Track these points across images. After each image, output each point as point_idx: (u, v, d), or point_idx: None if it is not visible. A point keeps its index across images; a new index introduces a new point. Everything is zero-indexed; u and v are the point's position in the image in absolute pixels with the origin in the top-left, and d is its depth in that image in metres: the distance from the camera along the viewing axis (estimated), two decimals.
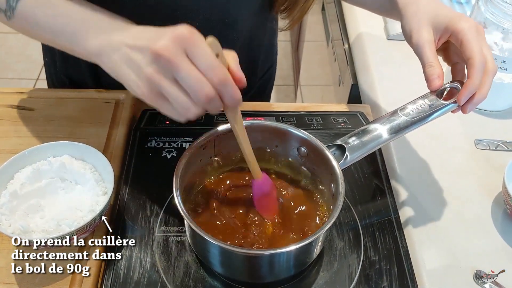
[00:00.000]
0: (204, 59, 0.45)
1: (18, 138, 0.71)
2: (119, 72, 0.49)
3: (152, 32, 0.48)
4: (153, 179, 0.67)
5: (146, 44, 0.46)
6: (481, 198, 0.68)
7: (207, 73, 0.45)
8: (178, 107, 0.47)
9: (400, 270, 0.59)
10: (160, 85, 0.46)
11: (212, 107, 0.47)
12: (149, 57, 0.46)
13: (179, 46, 0.45)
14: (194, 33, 0.46)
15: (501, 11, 0.73)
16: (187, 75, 0.45)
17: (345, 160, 0.58)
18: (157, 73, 0.46)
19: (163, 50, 0.44)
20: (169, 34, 0.45)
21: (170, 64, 0.45)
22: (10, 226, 0.55)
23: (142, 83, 0.47)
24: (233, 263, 0.56)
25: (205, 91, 0.45)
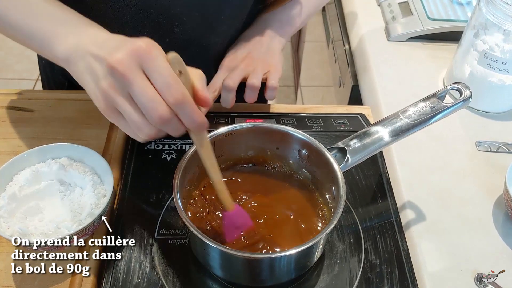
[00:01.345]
0: (160, 76, 0.42)
1: (17, 140, 0.71)
2: (82, 81, 0.47)
3: (115, 42, 0.46)
4: (152, 181, 0.67)
5: (105, 55, 0.44)
6: (482, 200, 0.68)
7: (163, 91, 0.42)
8: (132, 126, 0.44)
9: (401, 273, 0.58)
10: (114, 100, 0.44)
11: (169, 129, 0.44)
12: (105, 69, 0.44)
13: (135, 61, 0.42)
14: (153, 47, 0.43)
15: (502, 13, 0.72)
16: (140, 92, 0.42)
17: (346, 163, 0.58)
18: (112, 87, 0.43)
19: (117, 64, 0.42)
20: (128, 46, 0.43)
21: (124, 79, 0.42)
22: (9, 228, 0.55)
23: (100, 95, 0.45)
24: (233, 267, 0.55)
25: (159, 111, 0.42)
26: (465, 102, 0.60)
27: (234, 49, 0.75)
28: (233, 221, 0.54)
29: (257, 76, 0.69)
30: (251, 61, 0.72)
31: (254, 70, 0.71)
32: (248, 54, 0.73)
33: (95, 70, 0.45)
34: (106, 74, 0.44)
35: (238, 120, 0.74)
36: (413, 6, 0.97)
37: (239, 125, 0.61)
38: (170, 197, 0.64)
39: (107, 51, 0.44)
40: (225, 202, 0.53)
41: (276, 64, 0.74)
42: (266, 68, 0.72)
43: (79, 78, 0.48)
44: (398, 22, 0.96)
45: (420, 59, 0.92)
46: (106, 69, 0.43)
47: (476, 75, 0.79)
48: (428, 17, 0.94)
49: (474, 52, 0.78)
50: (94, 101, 0.46)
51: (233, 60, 0.73)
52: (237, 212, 0.54)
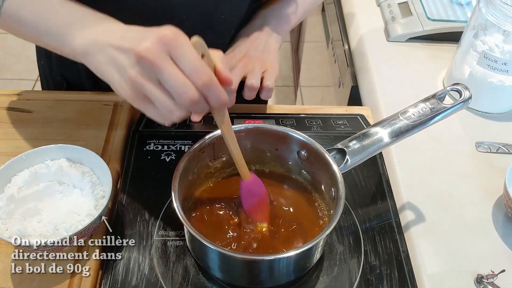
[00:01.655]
0: (188, 61, 0.44)
1: (16, 141, 0.71)
2: (104, 73, 0.48)
3: (137, 33, 0.47)
4: (151, 183, 0.67)
5: (130, 45, 0.45)
6: (482, 201, 0.68)
7: (191, 75, 0.44)
8: (162, 110, 0.46)
9: (401, 274, 0.58)
10: (143, 87, 0.45)
11: (197, 109, 0.46)
12: (132, 59, 0.45)
13: (162, 48, 0.44)
14: (179, 35, 0.45)
15: (502, 13, 0.72)
16: (171, 78, 0.44)
17: (345, 164, 0.57)
18: (140, 75, 0.45)
19: (146, 52, 0.44)
20: (153, 35, 0.44)
21: (153, 67, 0.44)
22: (7, 230, 0.55)
23: (126, 84, 0.46)
24: (232, 268, 0.55)
25: (189, 94, 0.44)
26: (464, 103, 0.60)
27: (232, 47, 0.76)
28: (250, 189, 0.57)
29: (256, 76, 0.70)
30: (249, 60, 0.73)
31: (252, 70, 0.71)
32: (246, 53, 0.74)
33: (119, 61, 0.46)
34: (133, 63, 0.45)
35: (237, 121, 0.74)
36: (412, 7, 0.97)
37: (238, 126, 0.61)
38: (169, 198, 0.64)
39: (131, 41, 0.46)
40: (243, 171, 0.56)
41: (273, 63, 0.74)
42: (264, 67, 0.73)
43: (99, 70, 0.49)
44: (398, 22, 0.96)
45: (420, 59, 0.92)
46: (134, 58, 0.45)
47: (476, 76, 0.78)
48: (427, 18, 0.94)
49: (473, 52, 0.78)
50: (118, 91, 0.48)
51: (231, 58, 0.74)
52: (254, 181, 0.57)
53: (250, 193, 0.57)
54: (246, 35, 0.76)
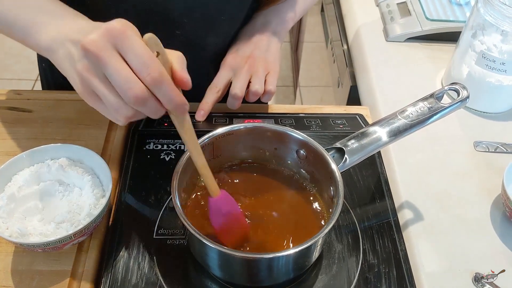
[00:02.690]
0: (136, 55, 0.41)
1: (15, 141, 0.71)
2: (63, 68, 0.47)
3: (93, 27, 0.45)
4: (151, 182, 0.67)
5: (80, 37, 0.43)
6: (480, 200, 0.68)
7: (139, 70, 0.41)
8: (109, 107, 0.43)
9: (399, 273, 0.59)
10: (90, 82, 0.43)
11: (147, 109, 0.43)
12: (80, 51, 0.43)
13: (108, 41, 0.41)
14: (127, 27, 0.42)
15: (500, 13, 0.72)
16: (115, 72, 0.41)
17: (344, 163, 0.58)
18: (86, 69, 0.43)
19: (90, 45, 0.41)
20: (101, 28, 0.42)
21: (98, 60, 0.41)
22: (8, 229, 0.55)
23: (77, 78, 0.44)
24: (232, 267, 0.55)
25: (134, 91, 0.41)
26: (462, 102, 0.60)
27: (235, 47, 0.76)
28: (219, 207, 0.52)
29: (260, 81, 0.71)
30: (253, 61, 0.73)
31: (256, 72, 0.72)
32: (251, 53, 0.74)
33: (72, 54, 0.45)
34: (81, 56, 0.43)
35: (237, 121, 0.74)
36: (411, 7, 0.97)
37: (237, 125, 0.61)
38: (169, 198, 0.64)
39: (82, 34, 0.43)
40: (210, 187, 0.51)
41: (275, 64, 0.74)
42: (267, 69, 0.73)
43: (60, 66, 0.47)
44: (397, 22, 0.96)
45: (418, 59, 0.92)
46: (81, 51, 0.42)
47: (474, 76, 0.79)
48: (426, 18, 0.94)
49: (472, 52, 0.78)
50: (74, 86, 0.46)
51: (235, 58, 0.74)
52: (223, 198, 0.52)
53: (220, 212, 0.52)
54: (247, 35, 0.76)
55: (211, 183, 0.51)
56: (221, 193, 0.53)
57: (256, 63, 0.73)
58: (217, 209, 0.53)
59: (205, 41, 0.75)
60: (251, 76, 0.71)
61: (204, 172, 0.51)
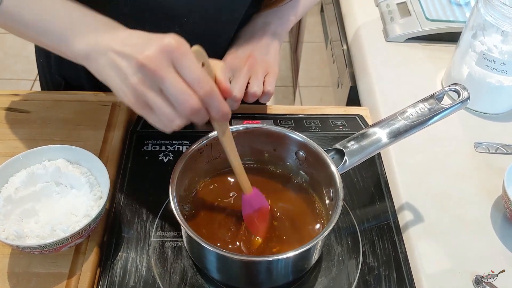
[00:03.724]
0: (190, 71, 0.45)
1: (13, 141, 0.71)
2: (105, 77, 0.48)
3: (140, 39, 0.47)
4: (149, 183, 0.67)
5: (132, 52, 0.45)
6: (480, 201, 0.68)
7: (193, 85, 0.45)
8: (163, 118, 0.46)
9: (399, 275, 0.58)
10: (145, 95, 0.45)
11: (198, 119, 0.47)
12: (134, 66, 0.45)
13: (165, 57, 0.44)
14: (182, 44, 0.45)
15: (501, 14, 0.72)
16: (172, 87, 0.44)
17: (344, 165, 0.57)
18: (142, 83, 0.45)
19: (148, 61, 0.44)
20: (156, 43, 0.45)
21: (156, 75, 0.44)
22: (4, 231, 0.55)
23: (128, 91, 0.46)
24: (230, 269, 0.55)
25: (190, 104, 0.45)
26: (463, 103, 0.60)
27: (235, 47, 0.75)
28: (251, 203, 0.56)
29: (259, 83, 0.71)
30: (253, 62, 0.73)
31: (255, 73, 0.72)
32: (251, 54, 0.74)
33: (121, 67, 0.46)
34: (135, 71, 0.45)
35: (236, 122, 0.74)
36: (411, 7, 0.97)
37: (236, 126, 0.61)
38: (167, 199, 0.64)
39: (133, 48, 0.46)
40: (244, 185, 0.55)
41: (274, 65, 0.74)
42: (266, 70, 0.73)
43: (101, 74, 0.49)
44: (396, 22, 0.96)
45: (418, 60, 0.92)
46: (136, 66, 0.45)
47: (474, 76, 0.78)
48: (426, 18, 0.94)
49: (472, 53, 0.78)
50: (120, 96, 0.48)
51: (235, 59, 0.73)
52: (255, 195, 0.56)
53: (252, 207, 0.57)
54: (247, 35, 0.76)
55: (245, 181, 0.55)
56: (254, 190, 0.56)
57: (255, 64, 0.73)
58: (248, 205, 0.56)
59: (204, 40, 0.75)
60: (250, 77, 0.71)
61: (239, 172, 0.55)
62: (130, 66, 0.46)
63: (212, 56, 0.76)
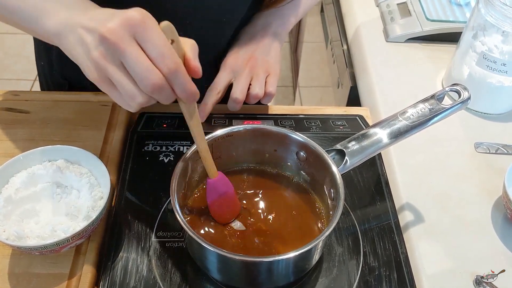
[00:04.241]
0: (154, 45, 0.43)
1: (14, 142, 0.70)
2: (74, 54, 0.47)
3: (107, 14, 0.45)
4: (150, 184, 0.67)
5: (97, 25, 0.44)
6: (481, 202, 0.68)
7: (157, 60, 0.43)
8: (124, 95, 0.45)
9: (400, 276, 0.58)
10: (106, 70, 0.44)
11: (161, 97, 0.45)
12: (97, 39, 0.43)
13: (128, 30, 0.42)
14: (147, 17, 0.43)
15: (501, 14, 0.72)
16: (133, 61, 0.42)
17: (344, 165, 0.57)
18: (103, 57, 0.44)
19: (109, 33, 0.42)
20: (120, 16, 0.43)
21: (116, 48, 0.42)
22: (5, 231, 0.55)
23: (91, 65, 0.45)
24: (231, 270, 0.55)
25: (152, 80, 0.43)
26: (463, 103, 0.60)
27: (237, 47, 0.75)
28: (216, 187, 0.56)
29: (260, 84, 0.71)
30: (254, 63, 0.73)
31: (257, 75, 0.72)
32: (252, 55, 0.73)
33: (86, 41, 0.45)
34: (97, 44, 0.43)
35: (236, 122, 0.74)
36: (411, 7, 0.97)
37: (236, 127, 0.61)
38: (168, 200, 0.64)
39: (98, 22, 0.44)
40: (210, 169, 0.55)
41: (275, 66, 0.74)
42: (267, 71, 0.73)
43: (70, 52, 0.48)
44: (397, 23, 0.96)
45: (419, 60, 0.92)
46: (98, 38, 0.43)
47: (475, 77, 0.78)
48: (426, 18, 0.94)
49: (472, 53, 0.78)
50: (86, 72, 0.46)
51: (236, 59, 0.73)
52: (221, 179, 0.56)
53: (216, 191, 0.56)
54: (248, 36, 0.76)
55: (211, 166, 0.55)
56: (219, 174, 0.56)
57: (257, 65, 0.72)
58: (214, 189, 0.56)
59: (206, 41, 0.75)
60: (252, 78, 0.71)
61: (205, 155, 0.54)
62: (93, 39, 0.44)
63: (213, 56, 0.77)
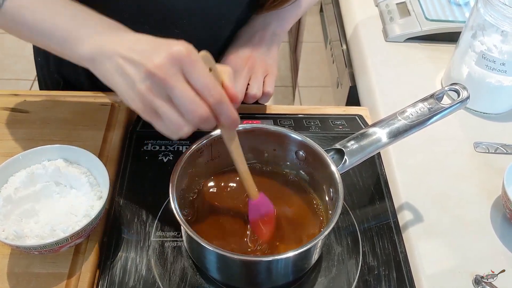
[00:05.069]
0: (200, 78, 0.44)
1: (13, 141, 0.70)
2: (112, 82, 0.48)
3: (147, 45, 0.46)
4: (149, 183, 0.67)
5: (141, 59, 0.45)
6: (480, 201, 0.68)
7: (203, 92, 0.45)
8: (171, 126, 0.46)
9: (399, 275, 0.58)
10: (153, 103, 0.45)
11: (206, 126, 0.46)
12: (143, 74, 0.44)
13: (175, 65, 0.44)
14: (191, 51, 0.45)
15: (500, 14, 0.72)
16: (182, 96, 0.44)
17: (344, 164, 0.57)
18: (150, 90, 0.45)
19: (158, 69, 0.43)
20: (166, 51, 0.44)
21: (165, 84, 0.44)
22: (4, 231, 0.55)
23: (136, 97, 0.46)
24: (230, 269, 0.55)
25: (199, 112, 0.44)
26: (462, 103, 0.60)
27: (236, 47, 0.75)
28: (258, 209, 0.56)
29: (259, 84, 0.71)
30: (253, 63, 0.73)
31: (255, 75, 0.72)
32: (251, 55, 0.74)
33: (128, 74, 0.46)
34: (144, 78, 0.44)
35: None
36: (410, 7, 0.97)
37: None
38: (167, 199, 0.64)
39: (142, 55, 0.45)
40: (251, 191, 0.55)
41: (273, 66, 0.75)
42: (266, 71, 0.73)
43: (107, 79, 0.48)
44: (396, 22, 0.96)
45: (418, 59, 0.92)
46: (145, 74, 0.44)
47: (474, 76, 0.78)
48: (426, 18, 0.94)
49: (472, 53, 0.78)
50: (128, 102, 0.47)
51: (235, 59, 0.73)
52: (262, 200, 0.56)
53: (258, 213, 0.57)
54: (247, 36, 0.76)
55: (252, 187, 0.55)
56: (260, 195, 0.56)
57: (255, 65, 0.73)
58: (255, 210, 0.56)
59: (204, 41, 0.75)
60: (250, 78, 0.71)
61: (246, 177, 0.54)
62: (138, 73, 0.45)
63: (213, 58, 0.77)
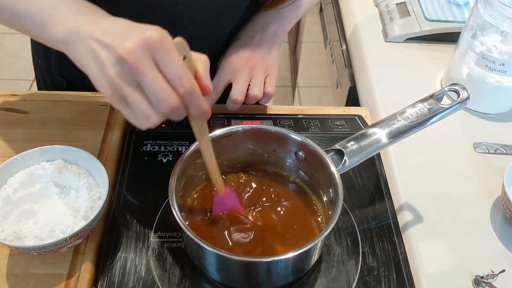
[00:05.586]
0: (172, 67, 0.43)
1: (12, 142, 0.70)
2: (84, 64, 0.47)
3: (122, 28, 0.45)
4: (148, 184, 0.67)
5: (113, 43, 0.43)
6: (480, 202, 0.67)
7: (174, 81, 0.43)
8: (139, 115, 0.45)
9: (399, 276, 0.58)
10: (122, 89, 0.44)
11: (175, 117, 0.45)
12: (114, 58, 0.43)
13: (146, 51, 0.42)
14: (164, 37, 0.43)
15: (500, 14, 0.72)
16: (152, 84, 0.43)
17: (343, 165, 0.57)
18: (120, 76, 0.43)
19: (128, 54, 0.42)
20: (138, 35, 0.43)
21: (135, 70, 0.42)
22: (3, 232, 0.55)
23: (105, 82, 0.45)
24: (230, 270, 0.55)
25: (169, 102, 0.43)
26: (462, 103, 0.60)
27: (236, 47, 0.75)
28: (222, 203, 0.56)
29: (259, 85, 0.71)
30: (254, 63, 0.73)
31: (256, 75, 0.72)
32: (251, 55, 0.73)
33: (100, 57, 0.44)
34: (114, 63, 0.43)
35: (235, 122, 0.74)
36: (410, 7, 0.97)
37: (235, 127, 0.61)
38: (166, 200, 0.64)
39: (114, 38, 0.44)
40: (217, 184, 0.55)
41: (274, 66, 0.75)
42: (266, 72, 0.73)
43: (79, 61, 0.47)
44: (396, 23, 0.96)
45: (418, 60, 0.92)
46: (115, 57, 0.43)
47: (474, 77, 0.78)
48: (425, 18, 0.94)
49: (471, 53, 0.78)
50: (98, 86, 0.46)
51: (236, 59, 0.73)
52: (227, 195, 0.56)
53: (223, 207, 0.57)
54: (247, 36, 0.76)
55: (218, 181, 0.55)
56: (226, 190, 0.56)
57: (256, 66, 0.72)
58: (219, 204, 0.56)
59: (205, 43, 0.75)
60: (251, 79, 0.71)
61: (213, 170, 0.54)
62: (109, 57, 0.44)
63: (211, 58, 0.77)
